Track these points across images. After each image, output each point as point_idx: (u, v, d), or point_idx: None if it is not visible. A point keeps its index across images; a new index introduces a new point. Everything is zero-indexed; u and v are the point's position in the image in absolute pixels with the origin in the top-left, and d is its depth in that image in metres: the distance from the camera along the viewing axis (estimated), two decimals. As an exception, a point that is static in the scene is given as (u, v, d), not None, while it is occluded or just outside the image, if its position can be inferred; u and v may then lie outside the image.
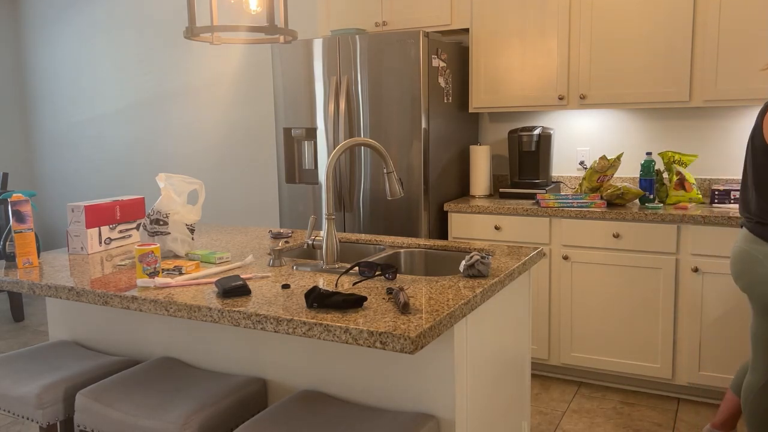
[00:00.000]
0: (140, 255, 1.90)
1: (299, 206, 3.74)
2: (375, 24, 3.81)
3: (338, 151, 2.09)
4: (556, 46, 3.40)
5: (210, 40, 2.30)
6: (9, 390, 1.98)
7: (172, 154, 5.28)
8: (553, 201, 3.29)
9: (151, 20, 5.19)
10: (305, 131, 3.65)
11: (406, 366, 1.75)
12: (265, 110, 4.79)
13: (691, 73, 3.14)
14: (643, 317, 3.13)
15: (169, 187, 2.31)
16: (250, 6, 2.36)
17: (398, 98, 3.35)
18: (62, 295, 1.92)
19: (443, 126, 3.54)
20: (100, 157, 5.72)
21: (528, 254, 2.17)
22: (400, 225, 3.44)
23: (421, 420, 1.66)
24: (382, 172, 3.46)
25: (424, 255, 2.42)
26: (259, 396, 1.94)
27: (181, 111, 5.16)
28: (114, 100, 5.52)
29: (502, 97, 3.57)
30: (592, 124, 3.71)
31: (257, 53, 4.75)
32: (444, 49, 3.48)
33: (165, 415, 1.72)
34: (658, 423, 2.94)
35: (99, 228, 2.43)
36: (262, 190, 4.90)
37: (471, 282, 1.83)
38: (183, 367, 2.07)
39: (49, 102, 5.95)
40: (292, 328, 1.55)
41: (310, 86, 3.59)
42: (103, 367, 2.09)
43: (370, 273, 1.87)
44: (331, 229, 2.07)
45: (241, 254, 2.30)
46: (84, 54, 5.63)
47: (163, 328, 2.17)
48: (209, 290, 1.82)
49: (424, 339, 1.45)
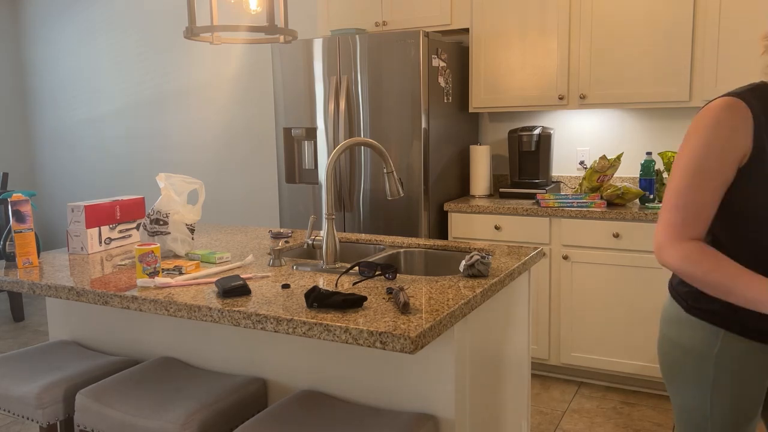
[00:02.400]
0: (140, 255, 1.90)
1: (299, 206, 3.74)
2: (375, 24, 3.81)
3: (338, 151, 2.09)
4: (556, 46, 3.40)
5: (210, 40, 2.29)
6: (9, 390, 1.98)
7: (172, 153, 5.28)
8: (553, 201, 3.29)
9: (151, 20, 5.19)
10: (305, 131, 3.65)
11: (406, 366, 1.75)
12: (265, 110, 4.78)
13: (691, 73, 3.14)
14: (643, 317, 3.13)
15: (169, 187, 2.31)
16: (250, 6, 2.36)
17: (398, 98, 3.35)
18: (62, 295, 1.92)
19: (443, 126, 3.54)
20: (100, 157, 5.72)
21: (528, 254, 2.17)
22: (400, 225, 3.44)
23: (421, 420, 1.66)
24: (382, 172, 3.46)
25: (424, 255, 2.42)
26: (259, 396, 1.94)
27: (181, 111, 5.16)
28: (114, 100, 5.52)
29: (502, 97, 3.57)
30: (592, 124, 3.71)
31: (257, 53, 4.75)
32: (444, 49, 3.48)
33: (165, 415, 1.72)
34: (658, 423, 2.94)
35: (99, 228, 2.43)
36: (262, 190, 4.90)
37: (471, 282, 1.83)
38: (183, 367, 2.07)
39: (50, 102, 5.95)
40: (292, 328, 1.55)
41: (310, 86, 3.59)
42: (103, 367, 2.09)
43: (370, 273, 1.87)
44: (331, 229, 2.07)
45: (241, 254, 2.30)
46: (84, 54, 5.63)
47: (163, 328, 2.17)
48: (209, 290, 1.82)
49: (424, 339, 1.45)
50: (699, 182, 1.32)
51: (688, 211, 1.33)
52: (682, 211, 1.33)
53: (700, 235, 1.34)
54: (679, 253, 1.32)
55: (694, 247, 1.31)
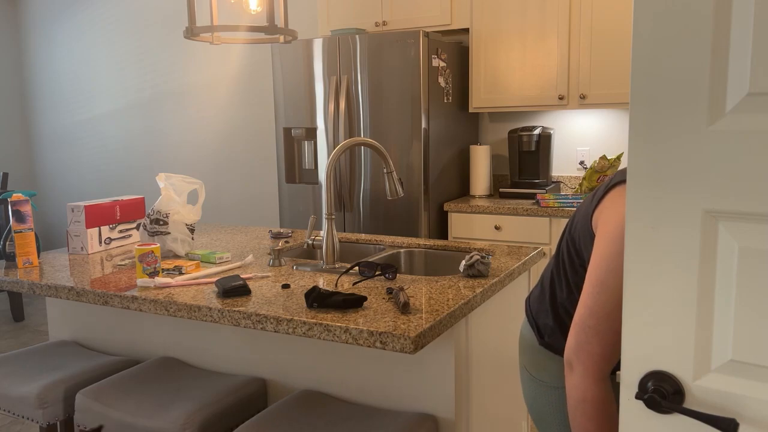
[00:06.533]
0: (140, 255, 1.90)
1: (299, 206, 3.74)
2: (375, 24, 3.81)
3: (338, 151, 2.09)
4: (556, 46, 3.40)
5: (210, 40, 2.29)
6: (9, 390, 1.98)
7: (172, 153, 5.28)
8: (553, 201, 3.29)
9: (151, 20, 5.19)
10: (305, 131, 3.65)
11: (405, 366, 1.75)
12: (265, 110, 4.78)
13: (691, 73, 3.14)
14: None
15: (169, 187, 2.31)
16: (250, 6, 2.36)
17: (398, 98, 3.35)
18: (62, 295, 1.92)
19: (443, 126, 3.54)
20: (100, 157, 5.72)
21: (528, 254, 2.17)
22: (400, 225, 3.44)
23: (421, 420, 1.66)
24: (382, 172, 3.46)
25: (424, 255, 2.42)
26: (259, 396, 1.94)
27: (181, 111, 5.16)
28: (114, 100, 5.52)
29: (502, 97, 3.57)
30: (592, 124, 3.71)
31: (257, 53, 4.75)
32: (444, 49, 3.48)
33: (165, 415, 1.72)
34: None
35: (99, 228, 2.43)
36: (262, 190, 4.90)
37: (471, 282, 1.83)
38: (183, 367, 2.07)
39: (49, 102, 5.95)
40: (292, 328, 1.55)
41: (310, 86, 3.59)
42: (103, 367, 2.08)
43: (370, 273, 1.87)
44: (331, 228, 2.07)
45: (241, 254, 2.30)
46: (84, 54, 5.63)
47: (163, 328, 2.17)
48: (209, 290, 1.82)
49: (424, 339, 1.45)
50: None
51: (609, 336, 1.16)
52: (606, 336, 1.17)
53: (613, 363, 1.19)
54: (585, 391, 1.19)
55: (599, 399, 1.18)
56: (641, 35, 0.90)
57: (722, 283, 0.89)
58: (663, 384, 0.93)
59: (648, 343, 0.95)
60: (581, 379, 1.17)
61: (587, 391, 1.17)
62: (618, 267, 1.14)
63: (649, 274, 0.93)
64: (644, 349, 0.95)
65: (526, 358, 1.46)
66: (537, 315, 1.43)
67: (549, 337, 1.39)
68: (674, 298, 0.92)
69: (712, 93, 0.86)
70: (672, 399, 0.92)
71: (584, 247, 1.28)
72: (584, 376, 1.17)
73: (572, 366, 1.19)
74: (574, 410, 1.20)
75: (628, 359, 0.96)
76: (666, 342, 0.93)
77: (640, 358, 0.95)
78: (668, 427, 0.94)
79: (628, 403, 0.97)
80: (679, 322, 0.92)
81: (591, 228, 1.26)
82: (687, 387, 0.92)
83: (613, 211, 1.18)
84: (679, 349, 0.92)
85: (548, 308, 1.39)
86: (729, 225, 0.87)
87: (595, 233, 1.24)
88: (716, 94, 0.86)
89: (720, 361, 0.90)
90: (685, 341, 0.92)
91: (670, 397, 0.92)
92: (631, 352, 0.96)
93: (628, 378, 0.97)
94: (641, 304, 0.95)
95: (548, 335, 1.39)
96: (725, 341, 0.89)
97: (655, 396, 0.91)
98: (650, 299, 0.94)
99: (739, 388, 0.89)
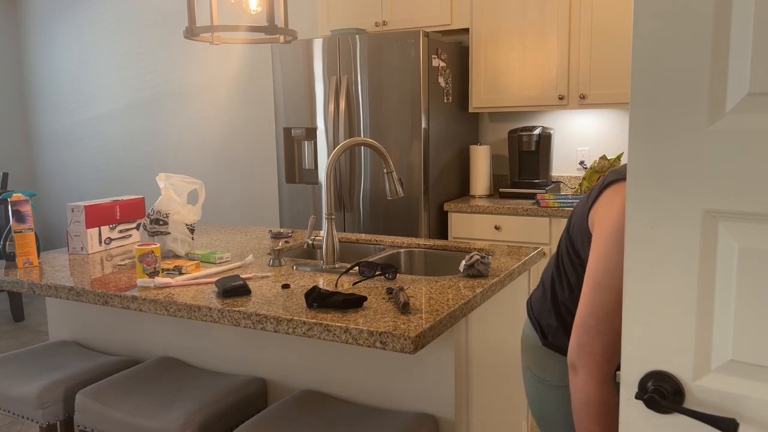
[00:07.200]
0: (140, 255, 1.90)
1: (299, 206, 3.74)
2: (375, 24, 3.81)
3: (338, 151, 2.09)
4: (556, 46, 3.40)
5: (210, 40, 2.29)
6: (9, 390, 1.98)
7: (172, 153, 5.28)
8: (553, 201, 3.29)
9: (151, 20, 5.19)
10: (305, 131, 3.65)
11: (405, 366, 1.75)
12: (265, 110, 4.78)
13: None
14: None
15: (169, 187, 2.31)
16: (250, 6, 2.36)
17: (398, 98, 3.35)
18: (62, 295, 1.92)
19: (443, 126, 3.54)
20: (100, 157, 5.72)
21: (528, 254, 2.17)
22: (400, 225, 3.44)
23: (421, 420, 1.66)
24: (382, 172, 3.46)
25: (424, 255, 2.42)
26: (259, 396, 1.94)
27: (181, 111, 5.16)
28: (114, 100, 5.52)
29: (502, 97, 3.57)
30: (592, 124, 3.71)
31: (257, 53, 4.75)
32: (444, 49, 3.48)
33: (165, 415, 1.72)
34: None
35: (99, 228, 2.43)
36: (262, 190, 4.90)
37: (471, 282, 1.83)
38: (183, 367, 2.07)
39: (49, 102, 5.95)
40: (292, 328, 1.55)
41: (310, 86, 3.59)
42: (103, 367, 2.08)
43: (370, 273, 1.87)
44: (331, 228, 2.07)
45: (241, 254, 2.30)
46: (84, 53, 5.63)
47: (163, 328, 2.17)
48: (209, 290, 1.82)
49: (424, 339, 1.45)
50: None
51: (610, 337, 1.17)
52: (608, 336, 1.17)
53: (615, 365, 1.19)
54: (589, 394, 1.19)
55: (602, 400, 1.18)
56: (641, 35, 0.90)
57: (722, 283, 0.89)
58: (663, 384, 0.92)
59: (648, 343, 0.95)
60: (585, 382, 1.18)
61: (591, 393, 1.17)
62: (615, 266, 1.14)
63: (649, 274, 0.93)
64: (644, 349, 0.95)
65: (529, 358, 1.46)
66: (540, 316, 1.43)
67: (553, 337, 1.39)
68: (674, 298, 0.92)
69: (712, 93, 0.86)
70: (672, 399, 0.92)
71: (582, 247, 1.28)
72: (588, 379, 1.17)
73: (576, 368, 1.19)
74: (579, 412, 1.20)
75: (627, 359, 0.96)
76: (666, 342, 0.93)
77: (640, 358, 0.95)
78: (668, 427, 0.94)
79: (628, 403, 0.97)
80: (679, 322, 0.92)
81: (587, 227, 1.26)
82: (687, 387, 0.92)
83: (608, 210, 1.18)
84: (679, 349, 0.92)
85: (550, 308, 1.39)
86: (729, 225, 0.87)
87: (591, 232, 1.24)
88: (716, 94, 0.86)
89: (720, 361, 0.90)
90: (685, 341, 0.92)
91: (670, 397, 0.92)
92: (631, 352, 0.96)
93: (628, 378, 0.97)
94: (641, 304, 0.94)
95: (552, 335, 1.40)
96: (725, 341, 0.89)
97: (655, 396, 0.91)
98: (650, 299, 0.94)
99: (739, 388, 0.89)
